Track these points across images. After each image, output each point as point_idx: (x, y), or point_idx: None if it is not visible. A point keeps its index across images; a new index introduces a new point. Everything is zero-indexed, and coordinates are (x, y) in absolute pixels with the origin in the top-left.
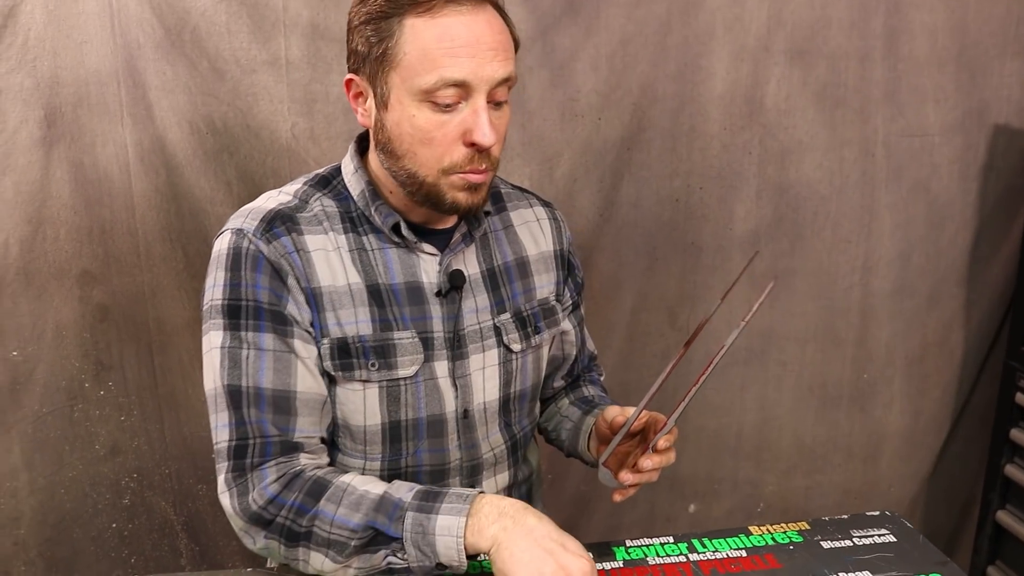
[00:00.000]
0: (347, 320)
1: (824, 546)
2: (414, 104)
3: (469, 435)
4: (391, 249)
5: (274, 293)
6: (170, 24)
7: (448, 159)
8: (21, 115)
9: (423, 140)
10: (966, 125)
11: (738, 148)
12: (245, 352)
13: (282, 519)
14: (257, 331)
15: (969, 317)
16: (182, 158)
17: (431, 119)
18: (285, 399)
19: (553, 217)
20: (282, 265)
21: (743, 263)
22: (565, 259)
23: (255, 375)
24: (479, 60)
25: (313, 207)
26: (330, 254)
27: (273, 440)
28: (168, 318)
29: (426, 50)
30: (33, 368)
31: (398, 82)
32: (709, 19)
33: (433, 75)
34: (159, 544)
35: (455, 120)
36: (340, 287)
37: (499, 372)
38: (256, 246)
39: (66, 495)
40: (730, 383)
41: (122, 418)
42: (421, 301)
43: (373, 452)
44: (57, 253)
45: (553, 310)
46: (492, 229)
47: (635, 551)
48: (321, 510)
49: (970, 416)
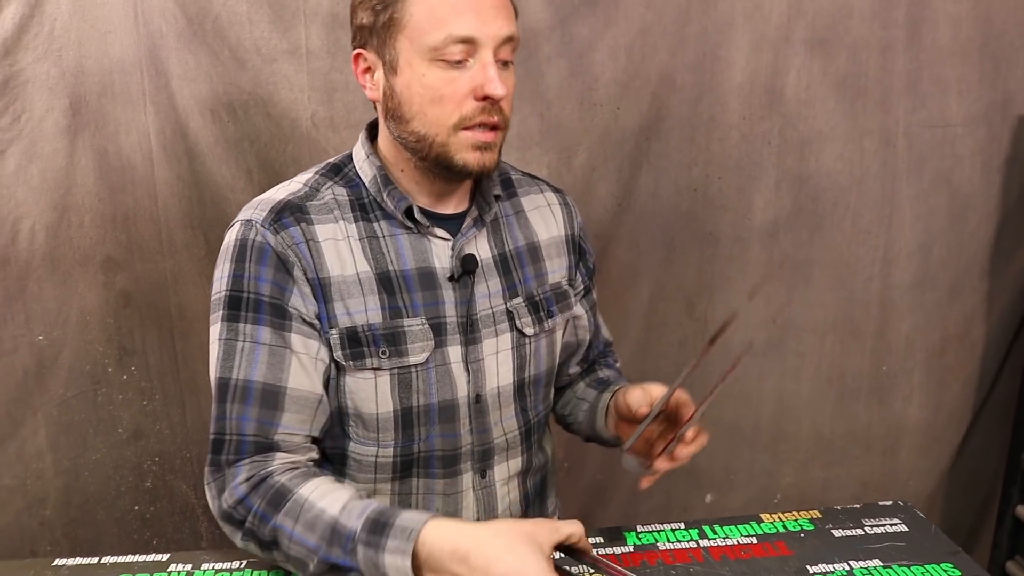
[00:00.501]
0: (356, 309)
1: (835, 534)
2: (424, 64)
3: (481, 420)
4: (403, 235)
5: (277, 285)
6: (192, 14)
7: (458, 114)
8: (47, 104)
9: (434, 99)
10: (989, 116)
11: (757, 138)
12: (240, 344)
13: (249, 524)
14: (255, 324)
15: (991, 310)
16: (204, 146)
17: (441, 76)
18: (274, 394)
19: (564, 203)
20: (288, 256)
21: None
22: (576, 244)
23: (247, 368)
24: (484, 17)
25: (324, 195)
26: (340, 243)
27: (248, 439)
28: (190, 304)
29: (432, 9)
30: (58, 352)
31: (406, 44)
32: (729, 8)
33: (441, 32)
34: (180, 527)
35: (465, 76)
36: (349, 276)
37: (512, 356)
38: (263, 237)
39: (90, 477)
40: (748, 373)
41: (144, 402)
42: (433, 286)
43: (386, 439)
44: (82, 239)
45: (565, 294)
46: (504, 214)
47: (646, 536)
48: (280, 524)
49: (991, 410)
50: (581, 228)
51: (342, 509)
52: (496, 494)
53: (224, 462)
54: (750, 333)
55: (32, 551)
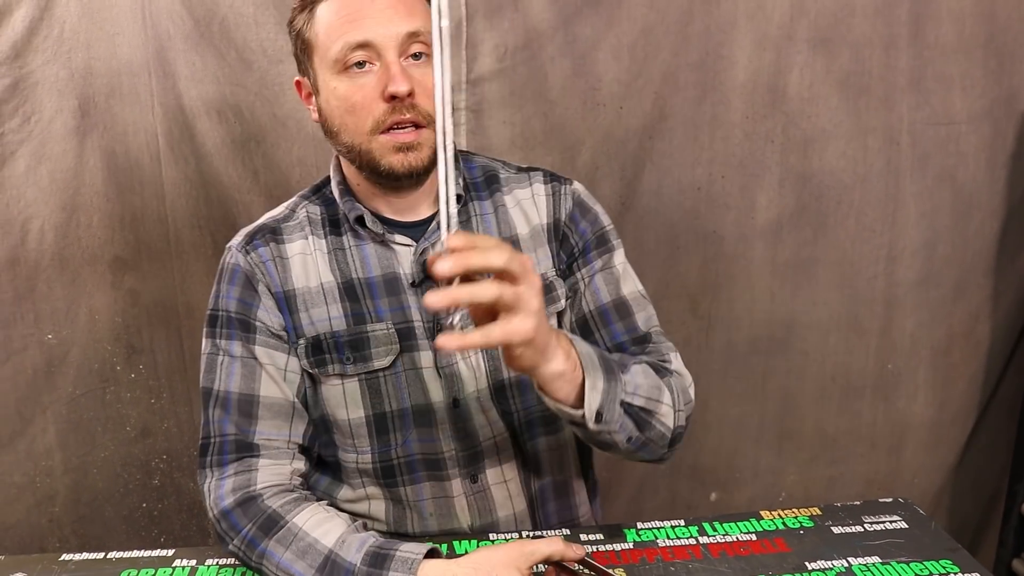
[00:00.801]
0: (319, 318)
1: (834, 531)
2: (334, 78)
3: (462, 424)
4: (368, 245)
5: (244, 302)
6: (199, 15)
7: (371, 119)
8: (56, 105)
9: (348, 109)
10: (994, 113)
11: (760, 137)
12: (220, 358)
13: (235, 547)
14: (229, 339)
15: (996, 307)
16: (211, 147)
17: (349, 85)
18: (248, 402)
19: (553, 192)
20: (255, 273)
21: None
22: (559, 230)
23: (226, 379)
24: (376, 19)
25: (299, 215)
26: (307, 257)
27: (230, 438)
28: (197, 303)
29: (329, 24)
30: (67, 351)
31: (318, 63)
32: (731, 7)
33: (338, 43)
34: (188, 524)
35: (371, 81)
36: (313, 287)
37: (484, 358)
38: (235, 259)
39: (98, 475)
40: (752, 371)
41: (152, 400)
42: (398, 292)
43: (362, 445)
44: (90, 239)
45: (551, 287)
46: (480, 213)
47: (646, 533)
48: (269, 550)
49: (996, 408)
50: (570, 215)
51: (338, 541)
52: (493, 498)
53: (209, 463)
54: (755, 331)
55: (41, 548)
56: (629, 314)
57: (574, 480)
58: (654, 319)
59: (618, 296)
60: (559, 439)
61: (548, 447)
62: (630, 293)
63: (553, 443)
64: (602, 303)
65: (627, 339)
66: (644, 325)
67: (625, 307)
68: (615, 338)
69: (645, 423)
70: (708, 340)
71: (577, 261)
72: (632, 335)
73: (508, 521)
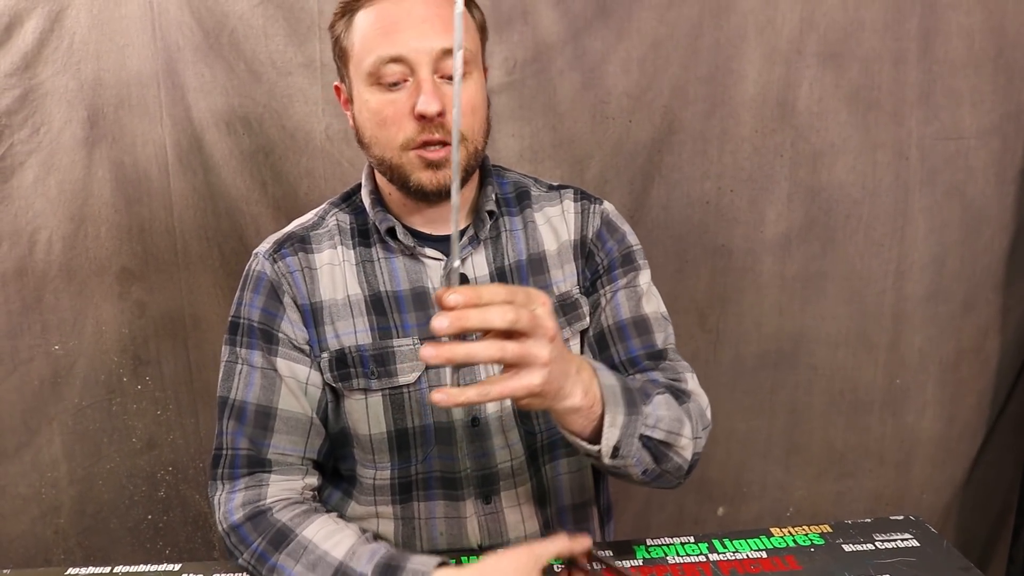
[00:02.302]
0: (345, 331)
1: (846, 549)
2: (367, 90)
3: (479, 444)
4: (397, 258)
5: (267, 312)
6: (209, 27)
7: (402, 135)
8: (65, 116)
9: (379, 122)
10: (1003, 128)
11: (769, 151)
12: (239, 367)
13: (245, 561)
14: (249, 348)
15: (1005, 323)
16: (219, 158)
17: (381, 100)
18: (265, 415)
19: (582, 210)
20: (281, 284)
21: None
22: (585, 247)
23: (244, 389)
24: (411, 33)
25: (328, 223)
26: (335, 268)
27: (241, 453)
28: (204, 315)
29: (365, 35)
30: (74, 362)
31: (353, 72)
32: (741, 22)
33: (372, 56)
34: (193, 536)
35: (403, 97)
36: (340, 300)
37: None
38: (261, 267)
39: (104, 486)
40: (760, 386)
41: (158, 412)
42: (426, 306)
43: (382, 461)
44: (98, 250)
45: (575, 304)
46: (510, 228)
47: (655, 550)
48: (280, 564)
49: (1006, 424)
50: (598, 232)
51: (349, 553)
52: (505, 521)
53: (220, 475)
54: (763, 345)
55: (46, 559)
56: (648, 331)
57: (588, 504)
58: (672, 339)
59: (638, 313)
60: (579, 462)
61: (568, 470)
62: (652, 312)
63: (574, 465)
64: (621, 318)
65: (642, 354)
66: (661, 343)
67: (644, 324)
68: (630, 353)
69: (663, 456)
70: (716, 354)
71: (602, 278)
72: (648, 351)
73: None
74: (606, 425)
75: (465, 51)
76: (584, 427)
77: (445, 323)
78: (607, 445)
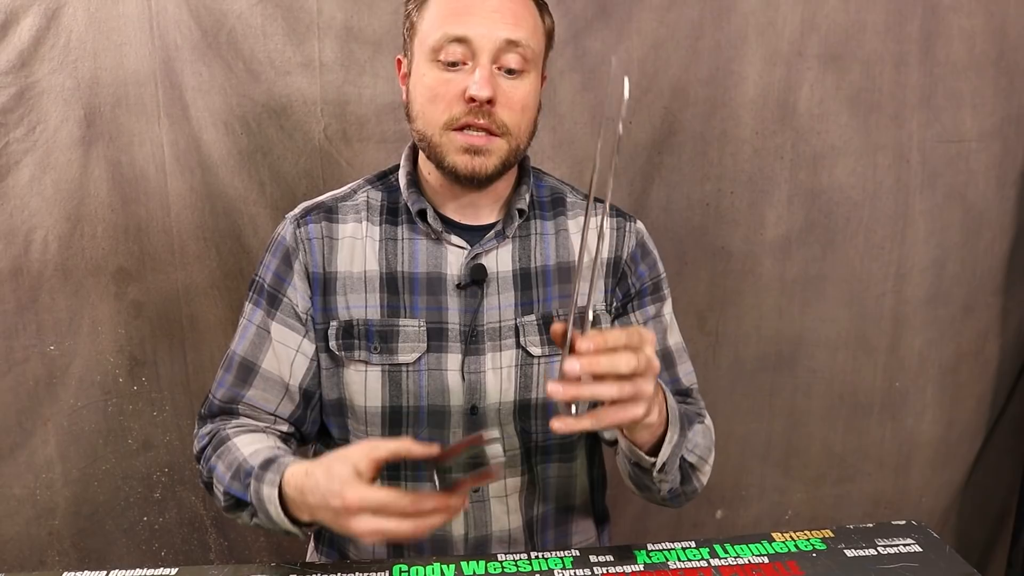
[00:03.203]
0: (356, 304)
1: (848, 554)
2: (426, 64)
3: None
4: (421, 240)
5: (278, 276)
6: (207, 26)
7: (448, 114)
8: (62, 114)
9: (430, 98)
10: (1004, 131)
11: (770, 153)
12: (245, 322)
13: (204, 477)
14: (256, 305)
15: (1005, 326)
16: (217, 158)
17: (438, 77)
18: (248, 369)
19: (618, 227)
20: (297, 250)
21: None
22: (619, 267)
23: (239, 342)
24: (480, 18)
25: (358, 197)
26: (357, 242)
27: (216, 402)
28: (201, 315)
29: (437, 12)
30: (69, 363)
31: (417, 48)
32: (742, 23)
33: (439, 32)
34: (188, 538)
35: (459, 78)
36: (356, 273)
37: (516, 374)
38: (285, 230)
39: (99, 488)
40: (759, 389)
41: (154, 413)
42: (439, 292)
43: (373, 434)
44: (94, 250)
45: (596, 320)
46: (541, 232)
47: (656, 555)
48: (214, 465)
49: (1005, 427)
50: (631, 254)
51: (253, 452)
52: (490, 511)
53: (201, 415)
54: (763, 348)
55: (41, 561)
56: (673, 365)
57: (577, 511)
58: (693, 374)
59: (665, 346)
60: (570, 469)
61: (557, 475)
62: (675, 344)
63: (564, 471)
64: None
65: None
66: (686, 379)
67: (670, 358)
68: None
69: (688, 479)
70: (716, 357)
71: (632, 303)
72: (675, 386)
73: (502, 537)
74: (665, 442)
75: (528, 50)
76: (647, 441)
77: (577, 367)
78: (660, 460)
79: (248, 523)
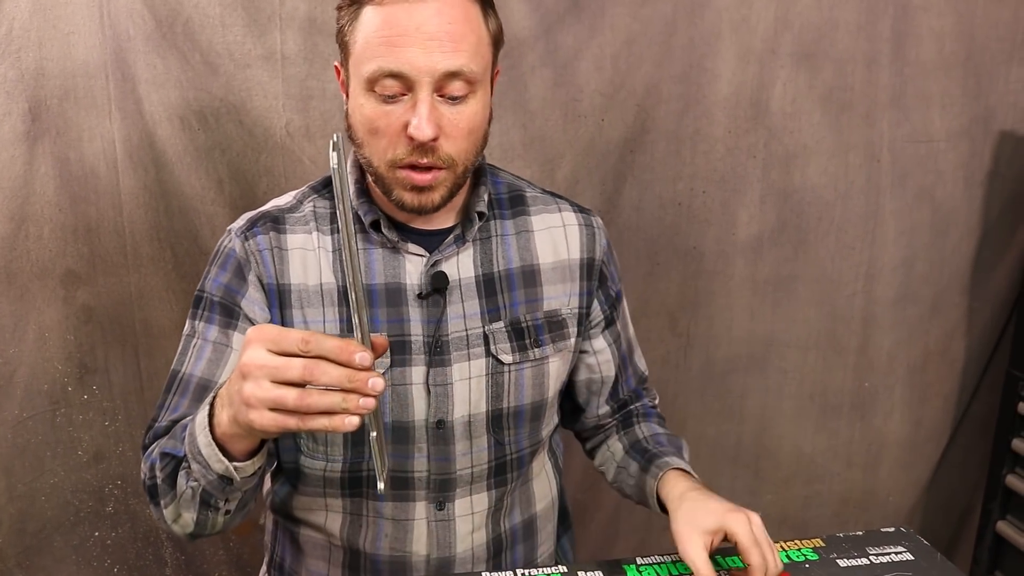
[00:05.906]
0: (314, 319)
1: (840, 564)
2: (362, 93)
3: (442, 447)
4: (376, 250)
5: (230, 289)
6: (162, 16)
7: (391, 152)
8: (4, 108)
9: (371, 130)
10: (972, 131)
11: (742, 151)
12: (194, 341)
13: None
14: (208, 322)
15: (971, 325)
16: (172, 155)
17: (376, 109)
18: (206, 389)
19: (586, 224)
20: (248, 261)
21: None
22: (596, 269)
23: (193, 363)
24: (417, 50)
25: (305, 208)
26: (308, 253)
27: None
28: (155, 320)
29: (368, 38)
30: (14, 371)
31: (352, 71)
32: (715, 20)
33: (372, 64)
34: (143, 553)
35: (398, 111)
36: (311, 286)
37: (487, 383)
38: (232, 243)
39: (47, 502)
40: (730, 390)
41: (106, 423)
42: (399, 303)
43: (334, 453)
44: (40, 252)
45: (562, 323)
46: (502, 233)
47: (646, 570)
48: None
49: (970, 425)
50: (605, 253)
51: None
52: (455, 530)
53: (146, 444)
54: (734, 349)
55: None
56: (633, 353)
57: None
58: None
59: (628, 342)
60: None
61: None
62: (632, 335)
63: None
64: (623, 352)
65: (635, 382)
66: (642, 365)
67: (631, 347)
68: (628, 384)
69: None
70: (687, 359)
71: (616, 309)
72: (637, 377)
73: (465, 557)
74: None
75: (472, 74)
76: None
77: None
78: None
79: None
